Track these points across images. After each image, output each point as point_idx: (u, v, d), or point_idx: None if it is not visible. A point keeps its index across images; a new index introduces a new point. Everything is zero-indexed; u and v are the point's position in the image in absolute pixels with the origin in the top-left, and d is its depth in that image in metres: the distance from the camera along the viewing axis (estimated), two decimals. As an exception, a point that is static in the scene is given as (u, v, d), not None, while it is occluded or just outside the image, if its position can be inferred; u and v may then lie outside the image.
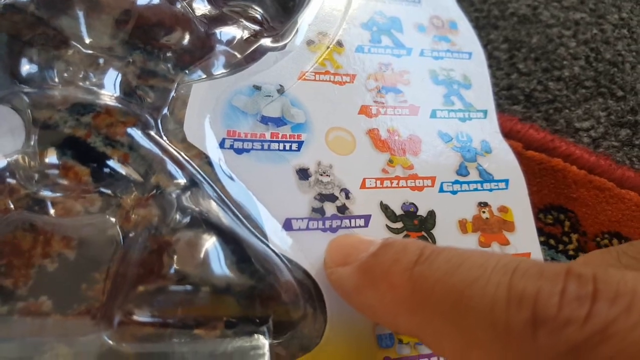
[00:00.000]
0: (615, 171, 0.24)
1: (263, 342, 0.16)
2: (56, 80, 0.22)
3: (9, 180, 0.18)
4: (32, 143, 0.20)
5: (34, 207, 0.18)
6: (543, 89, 0.28)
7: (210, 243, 0.17)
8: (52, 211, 0.19)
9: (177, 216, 0.18)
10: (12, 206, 0.19)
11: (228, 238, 0.18)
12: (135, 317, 0.16)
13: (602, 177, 0.24)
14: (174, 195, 0.18)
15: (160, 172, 0.19)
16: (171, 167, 0.19)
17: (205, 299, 0.16)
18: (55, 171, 0.19)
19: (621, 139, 0.26)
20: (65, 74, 0.22)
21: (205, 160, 0.20)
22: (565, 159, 0.24)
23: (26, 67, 0.22)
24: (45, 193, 0.19)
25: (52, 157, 0.19)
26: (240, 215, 0.19)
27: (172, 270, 0.16)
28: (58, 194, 0.19)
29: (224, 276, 0.17)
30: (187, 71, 0.23)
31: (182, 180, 0.19)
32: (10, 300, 0.18)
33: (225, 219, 0.18)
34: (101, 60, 0.23)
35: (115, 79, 0.22)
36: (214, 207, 0.18)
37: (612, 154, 0.26)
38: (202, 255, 0.17)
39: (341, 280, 0.17)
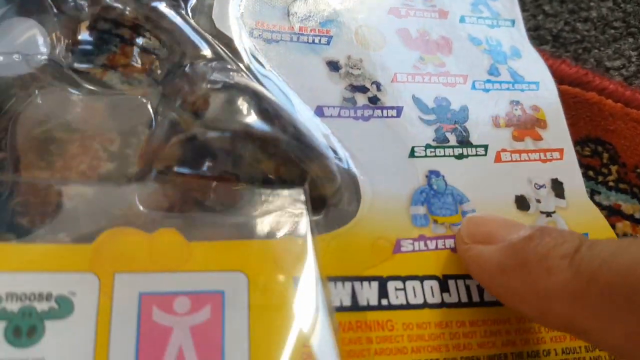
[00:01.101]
0: (653, 106, 0.23)
1: (302, 195, 0.15)
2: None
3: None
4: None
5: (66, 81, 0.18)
6: (571, 29, 0.27)
7: (244, 101, 0.16)
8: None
9: (208, 85, 0.17)
10: (36, 92, 0.19)
11: (261, 100, 0.17)
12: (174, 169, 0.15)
13: (639, 110, 0.23)
14: (201, 65, 0.17)
15: (186, 44, 0.18)
16: (197, 40, 0.19)
17: (242, 150, 0.16)
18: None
19: (654, 76, 0.26)
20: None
21: (233, 46, 0.20)
22: (600, 93, 0.24)
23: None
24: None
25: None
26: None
27: (206, 118, 0.15)
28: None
29: (260, 128, 0.16)
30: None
31: (208, 53, 0.18)
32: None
33: (256, 86, 0.18)
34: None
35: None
36: (244, 78, 0.18)
37: (646, 92, 0.25)
38: (237, 108, 0.16)
39: (482, 258, 0.16)
